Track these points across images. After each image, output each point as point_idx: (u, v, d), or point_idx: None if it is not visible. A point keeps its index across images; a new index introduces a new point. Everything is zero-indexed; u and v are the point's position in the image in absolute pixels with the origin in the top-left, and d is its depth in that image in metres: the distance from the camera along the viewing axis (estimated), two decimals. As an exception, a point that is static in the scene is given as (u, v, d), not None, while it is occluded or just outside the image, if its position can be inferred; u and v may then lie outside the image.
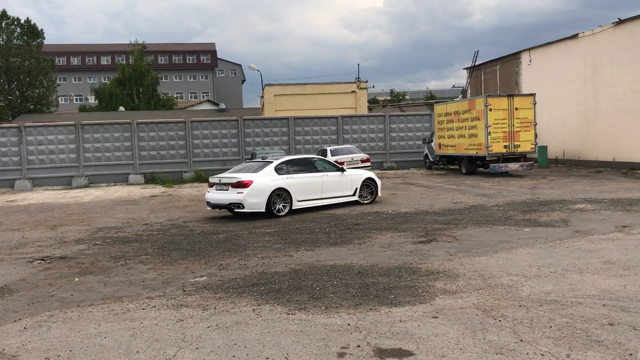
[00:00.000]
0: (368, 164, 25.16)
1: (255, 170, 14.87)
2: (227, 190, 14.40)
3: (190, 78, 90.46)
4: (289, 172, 15.10)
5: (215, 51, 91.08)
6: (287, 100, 38.52)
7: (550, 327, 5.61)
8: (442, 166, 29.63)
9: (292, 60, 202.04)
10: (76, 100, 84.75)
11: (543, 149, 27.69)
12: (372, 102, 71.64)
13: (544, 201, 15.34)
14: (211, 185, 15.19)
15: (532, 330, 5.53)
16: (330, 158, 24.71)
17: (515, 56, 33.14)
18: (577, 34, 27.43)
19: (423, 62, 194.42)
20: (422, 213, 14.12)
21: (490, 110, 23.11)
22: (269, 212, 14.46)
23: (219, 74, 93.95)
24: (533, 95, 23.81)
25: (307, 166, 15.69)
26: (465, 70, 39.76)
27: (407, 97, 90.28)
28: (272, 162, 15.20)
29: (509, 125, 23.24)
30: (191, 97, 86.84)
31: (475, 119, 24.03)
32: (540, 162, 27.70)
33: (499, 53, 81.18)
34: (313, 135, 31.31)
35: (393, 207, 15.38)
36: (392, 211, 14.69)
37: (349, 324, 5.97)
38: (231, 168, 29.94)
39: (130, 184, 28.42)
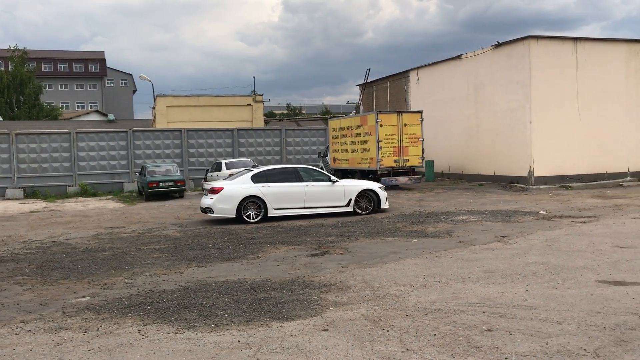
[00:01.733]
0: (263, 177, 25.10)
1: (234, 178, 16.14)
2: (207, 195, 15.61)
3: (77, 87, 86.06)
4: (267, 181, 15.63)
5: (105, 60, 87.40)
6: (181, 111, 37.68)
7: (435, 335, 5.82)
8: (336, 180, 30.14)
9: (186, 71, 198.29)
10: (-54, 108, 77.78)
11: (430, 164, 29.00)
12: (269, 116, 71.75)
13: (431, 213, 16.03)
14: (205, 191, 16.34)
15: (418, 339, 5.71)
16: (225, 171, 24.43)
17: (404, 74, 34.56)
18: (460, 55, 29.09)
19: (318, 78, 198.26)
20: (316, 226, 14.26)
21: (381, 126, 23.89)
22: (240, 219, 15.18)
23: (108, 83, 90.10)
24: (420, 112, 24.92)
25: (290, 176, 15.99)
26: (358, 87, 40.92)
27: (303, 111, 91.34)
28: (252, 170, 16.16)
29: (398, 141, 24.13)
30: (78, 107, 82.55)
31: (367, 134, 24.74)
32: (428, 176, 28.98)
33: (390, 71, 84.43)
34: (207, 147, 30.79)
35: (288, 221, 15.41)
36: (288, 225, 14.72)
37: (239, 341, 5.86)
38: (120, 181, 28.68)
39: (8, 199, 26.41)
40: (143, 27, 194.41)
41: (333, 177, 16.47)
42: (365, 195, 16.31)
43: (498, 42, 26.35)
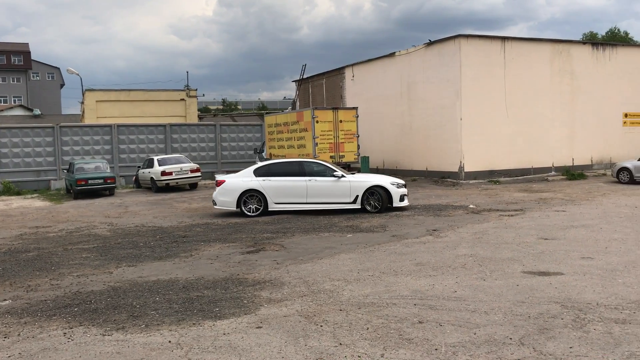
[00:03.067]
0: (198, 174, 24.73)
1: (238, 171, 16.45)
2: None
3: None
4: (269, 175, 15.47)
5: (29, 52, 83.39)
6: (111, 106, 36.51)
7: (367, 328, 5.88)
8: (272, 176, 30.02)
9: (117, 65, 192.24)
10: None
11: (365, 159, 29.34)
12: (204, 111, 70.66)
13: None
14: None
15: (351, 333, 5.75)
16: (157, 168, 23.88)
17: (340, 71, 34.80)
18: (394, 53, 29.56)
19: (254, 73, 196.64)
20: (252, 223, 14.15)
21: (317, 122, 23.96)
22: (241, 211, 15.26)
23: (33, 77, 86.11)
24: (355, 108, 25.15)
25: (292, 170, 15.61)
26: (294, 83, 40.90)
27: (239, 107, 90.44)
28: (257, 164, 16.29)
29: (334, 137, 24.27)
30: (1, 102, 78.55)
31: (303, 130, 24.75)
32: (363, 172, 29.27)
33: (326, 67, 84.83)
34: (139, 144, 29.96)
35: (223, 218, 15.23)
36: (222, 222, 14.54)
37: (170, 341, 5.73)
38: (46, 178, 27.48)
39: None
40: (71, 19, 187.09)
41: (340, 172, 15.49)
42: (375, 193, 15.11)
43: (430, 40, 26.94)
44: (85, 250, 11.16)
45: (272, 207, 15.34)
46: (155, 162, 24.29)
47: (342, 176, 15.33)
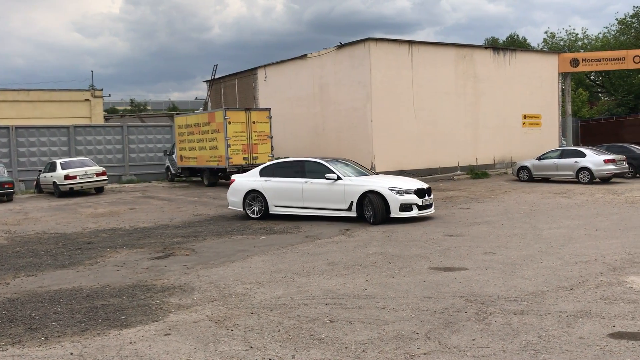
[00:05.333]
0: (104, 177, 23.77)
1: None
2: None
3: None
4: (272, 175, 14.46)
5: None
6: (8, 107, 34.38)
7: (279, 330, 5.86)
8: (184, 178, 29.42)
9: (15, 63, 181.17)
10: None
11: (279, 161, 29.37)
12: (111, 112, 68.02)
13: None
14: None
15: (262, 336, 5.71)
16: (60, 172, 22.75)
17: (252, 72, 34.62)
18: (306, 55, 29.77)
19: (164, 73, 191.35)
20: (161, 227, 13.76)
21: (230, 123, 23.71)
22: (245, 213, 14.60)
23: None
24: (268, 109, 25.12)
25: (294, 170, 14.30)
26: (205, 83, 40.24)
27: (148, 107, 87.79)
28: (268, 162, 15.39)
29: (247, 138, 24.12)
30: None
31: (215, 131, 24.41)
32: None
33: (238, 68, 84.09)
34: (40, 146, 28.39)
35: (131, 223, 14.71)
36: (130, 227, 14.04)
37: (72, 353, 5.45)
38: None
39: None
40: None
41: (336, 174, 13.46)
42: (371, 200, 12.95)
43: (341, 43, 27.37)
44: (-22, 261, 10.40)
45: (272, 209, 14.26)
46: (58, 166, 23.11)
47: (338, 178, 13.43)
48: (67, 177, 22.64)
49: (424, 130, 26.95)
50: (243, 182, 14.85)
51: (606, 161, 21.54)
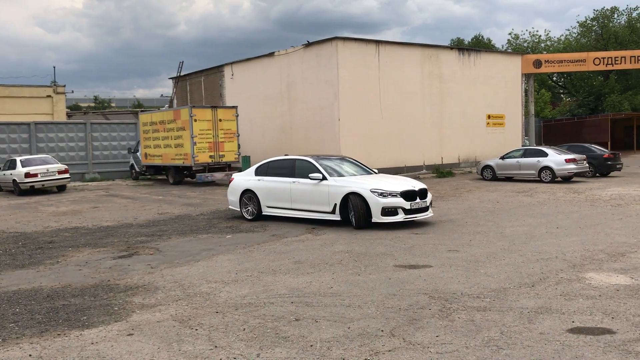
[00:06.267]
0: (67, 175, 23.28)
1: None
2: None
3: None
4: (265, 174, 13.79)
5: None
6: (-34, 103, 33.39)
7: (244, 329, 5.83)
8: (149, 176, 29.02)
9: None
10: None
11: (246, 159, 29.15)
12: (74, 109, 66.66)
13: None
14: None
15: (227, 335, 5.67)
16: (20, 170, 22.20)
17: (219, 69, 34.34)
18: (273, 53, 29.68)
19: (129, 69, 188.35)
20: (125, 226, 13.55)
21: (196, 120, 23.48)
22: (242, 214, 14.01)
23: None
24: (235, 107, 24.95)
25: (286, 169, 13.52)
26: (171, 80, 39.74)
27: (113, 104, 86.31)
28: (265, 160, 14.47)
29: (213, 136, 23.92)
30: None
31: (181, 129, 24.13)
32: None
33: (205, 65, 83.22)
34: (0, 143, 27.63)
35: (94, 222, 14.44)
36: (93, 225, 13.78)
37: (30, 355, 5.32)
38: None
39: None
40: None
41: (321, 174, 12.63)
42: (352, 202, 12.01)
43: (308, 41, 27.37)
44: None
45: (264, 210, 13.60)
46: (18, 163, 22.54)
47: (324, 178, 12.58)
48: (27, 175, 22.09)
49: (391, 129, 27.15)
50: (240, 181, 14.31)
51: (567, 161, 22.05)
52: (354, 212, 11.91)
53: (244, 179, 14.25)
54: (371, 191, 11.81)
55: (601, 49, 47.86)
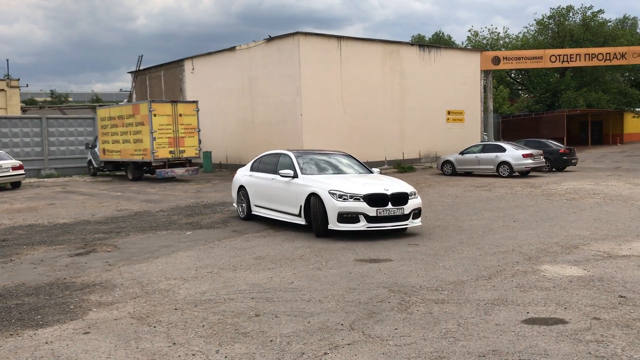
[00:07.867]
0: (21, 171, 22.60)
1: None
2: None
3: None
4: (257, 169, 12.83)
5: None
6: None
7: (203, 326, 5.78)
8: (107, 172, 28.45)
9: None
10: None
11: (208, 154, 28.92)
12: (30, 103, 64.87)
13: (207, 204, 15.98)
14: None
15: (186, 332, 5.62)
16: (-28, 165, 21.46)
17: (179, 63, 33.88)
18: (235, 47, 29.43)
19: (86, 63, 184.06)
20: (82, 223, 13.25)
21: (155, 115, 23.11)
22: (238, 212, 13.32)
23: None
24: (196, 102, 24.66)
25: (272, 164, 12.32)
26: (130, 75, 39.02)
27: (70, 99, 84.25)
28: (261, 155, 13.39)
29: (174, 131, 23.59)
30: None
31: (140, 124, 23.72)
32: (206, 167, 28.89)
33: (165, 59, 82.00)
34: (-50, 139, 26.69)
35: (50, 219, 14.09)
36: (49, 223, 13.44)
37: (-19, 357, 5.16)
38: None
39: None
40: None
41: (295, 170, 11.35)
42: (311, 205, 10.57)
43: (270, 36, 27.24)
44: None
45: (254, 209, 12.58)
46: (-30, 159, 21.78)
47: (295, 176, 11.27)
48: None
49: (353, 124, 27.27)
50: (238, 175, 13.49)
51: (525, 156, 22.55)
52: (312, 216, 10.57)
53: (241, 174, 13.37)
54: (329, 192, 10.18)
55: (557, 46, 49.05)
